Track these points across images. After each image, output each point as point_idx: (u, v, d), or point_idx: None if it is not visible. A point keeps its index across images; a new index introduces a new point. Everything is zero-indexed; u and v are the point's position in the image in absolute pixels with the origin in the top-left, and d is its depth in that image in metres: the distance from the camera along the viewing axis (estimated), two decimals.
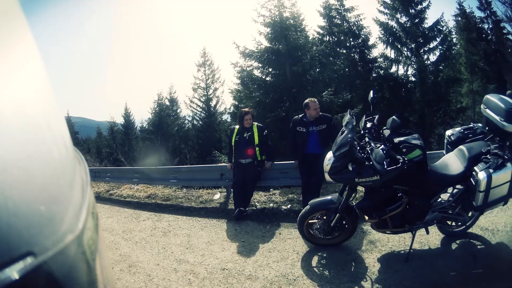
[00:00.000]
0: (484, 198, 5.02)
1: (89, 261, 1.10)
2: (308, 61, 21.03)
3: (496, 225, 6.58)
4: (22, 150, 0.92)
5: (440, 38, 30.40)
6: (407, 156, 5.01)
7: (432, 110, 28.68)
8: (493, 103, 5.57)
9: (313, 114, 7.89)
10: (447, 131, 6.30)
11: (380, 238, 6.45)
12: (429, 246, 6.07)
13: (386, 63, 31.34)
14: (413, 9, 30.27)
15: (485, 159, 5.17)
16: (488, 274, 5.19)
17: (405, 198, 5.31)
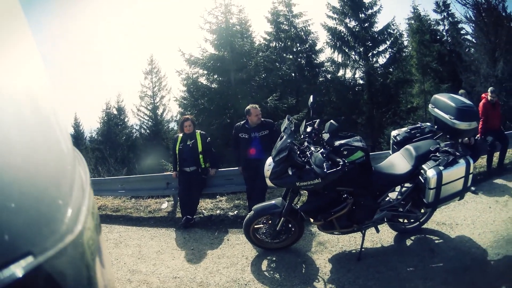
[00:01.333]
0: (436, 195, 5.21)
1: (89, 261, 1.12)
2: (253, 68, 21.22)
3: (455, 219, 6.81)
4: (22, 150, 0.94)
5: (390, 41, 31.05)
6: (348, 158, 5.14)
7: (381, 112, 29.30)
8: (442, 103, 5.82)
9: (255, 120, 7.95)
10: (392, 132, 6.47)
11: (329, 239, 6.52)
12: (381, 244, 6.20)
13: (333, 67, 31.80)
14: (363, 13, 30.72)
15: (434, 157, 5.35)
16: (449, 268, 5.34)
17: (350, 199, 5.40)
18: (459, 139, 6.17)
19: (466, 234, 6.32)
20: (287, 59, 31.15)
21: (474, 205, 7.57)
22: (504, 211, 7.26)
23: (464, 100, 5.88)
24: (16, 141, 0.93)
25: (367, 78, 29.68)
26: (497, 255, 5.64)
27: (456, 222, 6.80)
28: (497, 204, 7.63)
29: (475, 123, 5.74)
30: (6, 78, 1.00)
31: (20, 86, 1.09)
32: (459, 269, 5.30)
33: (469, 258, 5.58)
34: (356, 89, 31.11)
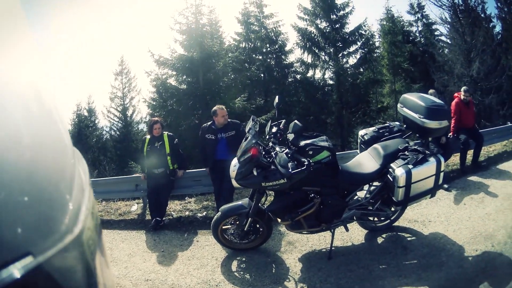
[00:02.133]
0: (405, 193, 5.26)
1: (88, 261, 1.13)
2: (221, 68, 21.16)
3: (427, 217, 6.89)
4: (22, 150, 0.94)
5: (362, 42, 31.19)
6: (314, 158, 5.16)
7: (351, 111, 29.49)
8: (411, 102, 5.89)
9: (221, 121, 7.87)
10: (360, 131, 6.53)
11: (299, 239, 6.52)
12: (352, 242, 6.21)
13: (303, 67, 31.89)
14: (335, 14, 30.80)
15: (402, 156, 5.40)
16: (423, 264, 5.36)
17: (318, 198, 5.41)
18: (429, 138, 6.20)
19: (440, 231, 6.37)
20: (256, 60, 31.16)
21: (448, 202, 7.66)
22: (481, 207, 7.36)
23: (434, 99, 5.97)
24: (15, 141, 0.93)
25: (336, 78, 29.80)
26: (475, 251, 5.69)
27: (428, 219, 6.85)
28: (472, 200, 7.73)
29: (445, 122, 5.77)
30: (12, 73, 1.02)
31: (20, 86, 1.09)
32: (434, 266, 5.33)
33: (445, 255, 5.61)
34: (326, 89, 31.23)
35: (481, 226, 6.54)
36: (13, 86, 1.00)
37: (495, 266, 5.29)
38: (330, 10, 30.39)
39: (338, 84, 29.47)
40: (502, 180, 9.13)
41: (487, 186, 8.68)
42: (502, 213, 7.06)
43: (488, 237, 6.10)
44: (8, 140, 0.90)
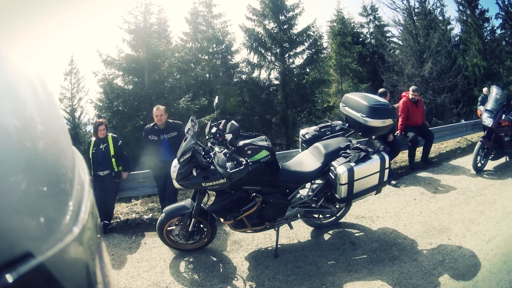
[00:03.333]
0: (348, 190, 5.36)
1: (88, 261, 1.10)
2: (166, 68, 21.11)
3: (375, 212, 7.00)
4: (21, 150, 0.90)
5: (309, 42, 31.31)
6: (253, 158, 5.20)
7: (296, 111, 29.70)
8: (352, 101, 6.03)
9: (158, 122, 7.81)
10: (301, 130, 6.58)
11: (244, 238, 6.53)
12: (298, 240, 6.24)
13: (249, 68, 31.79)
14: (284, 15, 30.76)
15: (344, 154, 5.48)
16: (374, 259, 5.43)
17: (259, 197, 5.47)
18: (373, 136, 6.26)
19: (389, 226, 6.50)
20: (202, 60, 30.98)
21: (397, 198, 7.84)
22: (433, 202, 7.53)
23: (378, 98, 6.10)
24: (15, 141, 0.90)
25: (282, 78, 29.94)
26: (430, 244, 5.82)
27: (377, 215, 6.98)
28: (423, 196, 7.93)
29: (389, 121, 5.89)
30: (5, 77, 0.97)
31: (19, 85, 1.04)
32: (386, 260, 5.42)
33: (396, 249, 5.73)
34: (271, 89, 31.23)
35: (434, 220, 6.67)
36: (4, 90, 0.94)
37: (455, 258, 5.40)
38: (279, 11, 30.44)
39: (283, 84, 29.68)
40: (456, 175, 9.42)
41: (439, 181, 8.97)
42: (457, 207, 7.24)
43: (443, 231, 6.23)
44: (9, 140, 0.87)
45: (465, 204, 7.43)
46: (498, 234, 6.12)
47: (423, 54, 25.80)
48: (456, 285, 4.78)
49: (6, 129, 0.93)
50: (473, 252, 5.54)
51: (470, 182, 8.93)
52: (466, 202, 7.52)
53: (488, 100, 10.03)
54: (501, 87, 10.29)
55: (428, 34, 26.17)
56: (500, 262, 5.27)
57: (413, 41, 26.69)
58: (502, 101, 9.54)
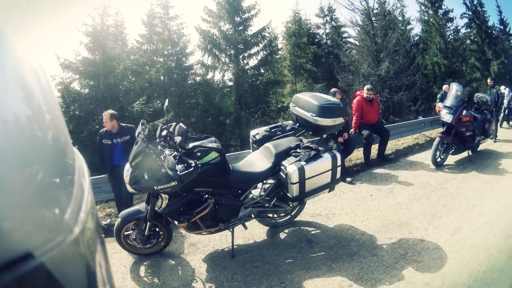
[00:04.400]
0: (300, 189, 5.37)
1: (89, 261, 1.11)
2: (121, 71, 21.05)
3: (331, 210, 6.99)
4: (21, 149, 0.89)
5: (264, 43, 31.65)
6: (202, 160, 5.20)
7: (249, 112, 30.04)
8: (303, 101, 6.07)
9: (106, 127, 7.69)
10: (252, 131, 6.56)
11: (201, 240, 6.47)
12: (254, 240, 6.21)
13: (203, 69, 31.92)
14: (240, 17, 30.97)
15: (294, 153, 5.50)
16: (333, 255, 5.41)
17: (211, 199, 5.46)
18: (324, 135, 6.31)
19: (346, 223, 6.50)
20: (157, 62, 30.88)
21: (353, 195, 7.87)
22: (390, 197, 7.60)
23: (329, 98, 6.14)
24: (15, 140, 0.87)
25: (235, 79, 30.25)
26: (390, 239, 5.86)
27: (333, 212, 6.96)
28: (380, 192, 7.99)
29: (340, 119, 5.94)
30: (3, 76, 0.93)
31: (18, 84, 1.01)
32: (345, 256, 5.42)
33: (355, 245, 5.74)
34: (224, 91, 31.46)
35: (393, 215, 6.73)
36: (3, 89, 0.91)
37: (418, 251, 5.45)
38: (235, 13, 30.65)
39: (237, 85, 29.96)
40: (414, 171, 9.62)
41: (396, 177, 9.14)
42: (417, 201, 7.32)
43: (403, 225, 6.28)
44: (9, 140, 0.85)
45: (425, 198, 7.54)
46: (464, 226, 6.22)
47: (380, 53, 26.29)
48: (422, 278, 4.77)
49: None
50: (437, 245, 5.59)
51: (429, 177, 9.10)
52: (426, 196, 7.64)
53: (447, 97, 10.26)
54: (462, 84, 10.50)
55: (386, 34, 26.70)
56: (470, 253, 5.31)
57: (370, 41, 27.12)
58: (463, 98, 9.77)
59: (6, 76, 0.93)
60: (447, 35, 37.07)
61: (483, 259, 5.12)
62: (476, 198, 7.48)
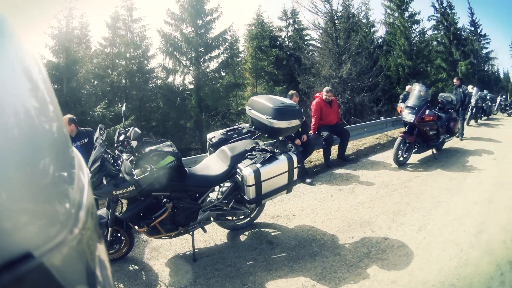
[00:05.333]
0: (257, 191, 5.39)
1: (88, 261, 1.12)
2: (83, 75, 20.98)
3: (291, 211, 6.96)
4: (20, 150, 0.86)
5: (225, 46, 32.07)
6: (158, 164, 5.18)
7: (210, 115, 30.36)
8: (258, 104, 6.12)
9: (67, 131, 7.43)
10: (208, 134, 6.60)
11: (162, 244, 6.42)
12: (215, 243, 6.19)
13: (164, 73, 32.19)
14: (202, 20, 31.31)
15: (250, 156, 5.53)
16: (294, 256, 5.39)
17: (169, 203, 5.44)
18: (280, 137, 6.35)
19: (307, 223, 6.48)
20: (119, 65, 30.74)
21: (313, 196, 7.84)
22: (351, 197, 7.63)
23: (284, 100, 6.15)
24: (14, 141, 0.85)
25: (196, 83, 30.56)
26: (352, 238, 5.90)
27: (293, 213, 6.93)
28: (340, 192, 8.03)
29: (296, 121, 5.95)
30: (4, 77, 0.90)
31: (18, 85, 0.97)
32: (307, 256, 5.39)
33: (316, 245, 5.75)
34: (185, 94, 31.87)
35: (354, 214, 6.73)
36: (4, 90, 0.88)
37: (382, 249, 5.47)
38: (197, 15, 30.94)
39: (197, 88, 30.20)
40: (376, 170, 9.79)
41: (357, 177, 9.17)
42: (379, 200, 7.39)
43: (365, 224, 6.29)
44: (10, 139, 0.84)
45: (388, 197, 7.62)
46: (430, 223, 6.25)
47: (342, 56, 26.72)
48: (388, 275, 4.75)
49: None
50: (402, 242, 5.61)
51: (392, 176, 9.17)
52: (389, 195, 7.71)
53: (409, 97, 10.43)
54: (425, 85, 10.66)
55: (349, 37, 27.26)
56: (438, 250, 5.34)
57: (332, 44, 27.51)
58: (426, 98, 9.94)
59: (8, 70, 0.91)
60: (412, 37, 38.12)
61: (453, 255, 5.15)
62: (442, 195, 7.56)
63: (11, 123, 0.84)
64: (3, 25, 0.94)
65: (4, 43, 0.93)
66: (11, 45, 0.96)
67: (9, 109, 0.85)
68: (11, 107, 0.86)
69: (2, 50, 0.91)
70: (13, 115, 0.86)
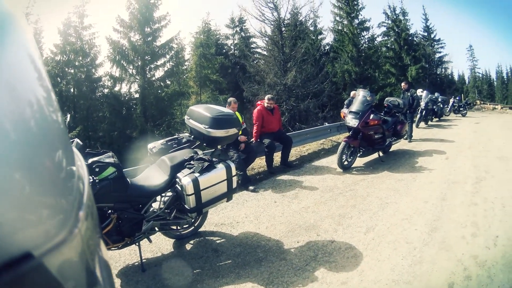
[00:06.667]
0: (197, 200, 5.45)
1: (88, 261, 1.12)
2: None
3: (235, 218, 7.03)
4: (20, 149, 0.85)
5: (170, 55, 32.37)
6: (100, 175, 5.13)
7: (154, 124, 30.41)
8: (196, 113, 6.16)
9: None
10: (149, 145, 6.61)
11: (111, 256, 6.29)
12: (161, 252, 6.18)
13: (111, 81, 31.94)
14: (150, 27, 31.35)
15: (188, 165, 5.60)
16: (240, 263, 5.44)
17: (114, 214, 5.41)
18: (219, 146, 6.43)
19: (251, 230, 6.53)
20: (68, 74, 30.33)
21: (256, 203, 7.88)
22: (295, 203, 7.73)
23: (221, 109, 6.22)
24: (14, 140, 0.84)
25: (141, 92, 30.66)
26: (297, 242, 5.92)
27: (236, 220, 6.99)
28: (284, 198, 8.12)
29: (233, 130, 6.03)
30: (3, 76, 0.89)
31: (17, 85, 0.94)
32: (252, 262, 5.42)
33: (261, 251, 5.77)
34: (131, 103, 31.81)
35: (299, 219, 6.79)
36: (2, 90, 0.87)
37: (329, 252, 5.50)
38: (146, 23, 30.99)
39: (142, 97, 30.31)
40: (320, 175, 9.85)
41: (301, 182, 9.21)
42: (324, 205, 7.49)
43: (310, 228, 6.36)
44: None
45: (333, 200, 7.68)
46: (378, 224, 6.36)
47: (287, 63, 27.19)
48: (337, 277, 4.75)
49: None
50: (349, 244, 5.67)
51: (336, 180, 9.25)
52: (334, 199, 7.77)
53: (353, 102, 10.68)
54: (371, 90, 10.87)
55: (295, 44, 27.79)
56: (388, 249, 5.42)
57: (278, 52, 27.95)
58: (370, 103, 10.14)
59: (7, 67, 0.91)
60: (361, 44, 38.86)
61: (406, 253, 5.24)
62: (390, 197, 7.71)
63: (10, 122, 0.84)
64: (4, 23, 0.94)
65: (3, 38, 0.92)
66: (11, 40, 0.95)
67: (7, 107, 0.83)
68: (9, 105, 0.85)
69: (2, 47, 0.90)
70: (11, 113, 0.85)
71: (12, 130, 0.83)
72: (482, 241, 5.60)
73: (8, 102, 0.85)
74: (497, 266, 4.87)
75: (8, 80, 0.88)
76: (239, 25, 43.69)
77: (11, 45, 0.95)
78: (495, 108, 38.64)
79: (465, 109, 29.06)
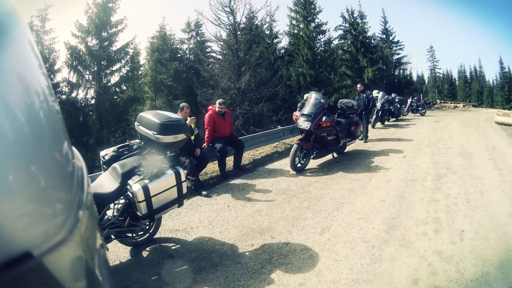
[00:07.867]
0: (148, 207, 5.52)
1: (88, 260, 1.17)
2: None
3: (189, 224, 7.09)
4: (20, 149, 0.91)
5: (126, 60, 32.36)
6: None
7: (110, 131, 30.23)
8: (145, 120, 6.18)
9: None
10: (101, 152, 6.64)
11: None
12: (119, 260, 6.13)
13: (68, 87, 31.47)
14: (107, 32, 31.21)
15: (139, 172, 5.62)
16: (195, 268, 5.49)
17: None
18: (168, 152, 6.46)
19: (205, 235, 6.57)
20: None
21: (209, 207, 7.97)
22: (248, 206, 7.84)
23: (170, 115, 6.26)
24: (14, 141, 0.90)
25: (97, 97, 30.53)
26: (251, 245, 6.00)
27: (190, 226, 7.02)
28: (237, 202, 8.20)
29: (182, 135, 6.10)
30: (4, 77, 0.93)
31: (17, 85, 1.01)
32: (208, 267, 5.47)
33: (216, 255, 5.81)
34: (87, 110, 31.45)
35: (252, 222, 6.93)
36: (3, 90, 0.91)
37: (284, 254, 5.58)
38: (103, 27, 30.79)
39: (98, 103, 30.14)
40: (273, 178, 9.97)
41: (254, 186, 9.32)
42: (277, 207, 7.60)
43: (264, 231, 6.48)
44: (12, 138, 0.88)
45: (286, 203, 7.79)
46: (334, 224, 6.45)
47: (241, 67, 27.27)
48: (294, 278, 4.80)
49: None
50: (305, 245, 5.74)
51: (290, 182, 9.35)
52: (287, 201, 7.88)
53: (305, 105, 10.80)
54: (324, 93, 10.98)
55: (250, 48, 27.77)
56: (345, 249, 5.50)
57: (233, 56, 27.95)
58: (323, 105, 10.31)
59: (8, 67, 0.95)
60: (316, 47, 39.09)
61: (364, 252, 5.33)
62: (345, 197, 7.81)
63: (11, 123, 0.88)
64: (5, 23, 0.99)
65: (4, 38, 0.96)
66: (11, 40, 1.00)
67: (8, 109, 0.88)
68: (10, 107, 0.89)
69: (2, 47, 0.94)
70: (11, 114, 0.89)
71: (12, 131, 0.88)
72: (446, 236, 5.72)
73: (8, 103, 0.90)
74: (466, 261, 4.97)
75: (9, 80, 0.94)
76: (195, 29, 43.50)
77: (12, 45, 1.00)
78: (456, 107, 39.60)
79: (424, 109, 29.58)
